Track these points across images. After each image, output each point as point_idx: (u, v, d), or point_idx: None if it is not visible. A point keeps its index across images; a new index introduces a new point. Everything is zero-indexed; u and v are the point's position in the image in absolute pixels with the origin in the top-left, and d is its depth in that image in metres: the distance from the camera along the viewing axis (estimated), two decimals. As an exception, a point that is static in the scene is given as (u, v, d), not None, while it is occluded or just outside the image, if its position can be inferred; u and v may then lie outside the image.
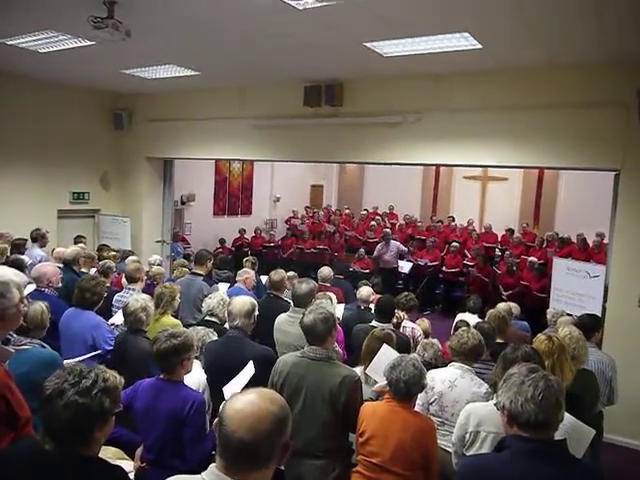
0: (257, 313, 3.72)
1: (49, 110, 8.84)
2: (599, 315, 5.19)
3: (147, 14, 5.09)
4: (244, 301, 3.67)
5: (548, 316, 5.66)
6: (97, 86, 9.24)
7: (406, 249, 10.96)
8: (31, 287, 4.49)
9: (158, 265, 6.91)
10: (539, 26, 4.80)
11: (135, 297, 3.96)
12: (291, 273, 6.10)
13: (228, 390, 2.94)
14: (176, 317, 4.62)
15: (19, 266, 5.13)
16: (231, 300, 3.77)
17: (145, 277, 5.31)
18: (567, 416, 2.26)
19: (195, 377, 3.17)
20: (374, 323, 4.50)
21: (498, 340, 4.31)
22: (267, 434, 1.37)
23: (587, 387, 3.54)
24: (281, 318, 4.20)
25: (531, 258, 9.64)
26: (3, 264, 5.36)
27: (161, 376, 2.90)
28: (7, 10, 5.20)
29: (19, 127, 8.48)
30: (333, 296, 5.35)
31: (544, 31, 4.93)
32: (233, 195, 14.03)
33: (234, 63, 6.96)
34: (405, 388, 2.83)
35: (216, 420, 1.45)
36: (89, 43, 6.07)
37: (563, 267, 7.22)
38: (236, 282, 5.78)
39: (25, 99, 8.51)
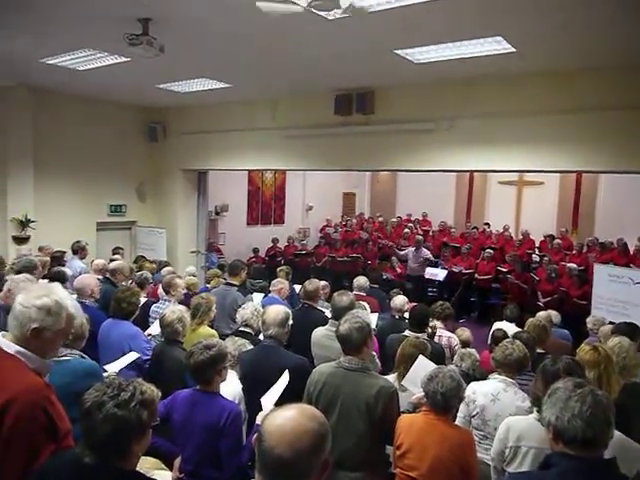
0: (291, 322, 3.71)
1: (87, 125, 9.11)
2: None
3: (180, 30, 5.20)
4: (278, 310, 3.67)
5: (589, 325, 5.49)
6: (133, 101, 9.48)
7: (431, 258, 10.67)
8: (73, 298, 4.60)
9: (193, 276, 6.98)
10: (576, 27, 4.69)
11: (172, 308, 4.01)
12: (323, 283, 6.08)
13: (265, 401, 2.93)
14: (212, 327, 4.65)
15: (61, 278, 5.27)
16: (265, 309, 3.77)
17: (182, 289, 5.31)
18: (617, 433, 2.14)
19: (231, 388, 3.17)
20: (407, 333, 4.43)
21: (538, 350, 4.18)
22: (306, 451, 1.35)
23: (638, 400, 3.38)
24: (319, 332, 4.15)
25: (570, 264, 9.39)
26: (45, 276, 5.53)
27: (197, 387, 2.92)
28: (47, 31, 5.39)
29: (59, 142, 8.77)
30: (366, 305, 5.30)
31: (581, 32, 4.82)
32: (266, 205, 14.13)
33: (266, 75, 7.04)
34: (443, 400, 2.76)
35: (256, 435, 1.44)
36: (125, 60, 6.25)
37: (604, 273, 7.04)
38: (270, 292, 5.79)
39: (64, 115, 8.80)
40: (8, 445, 1.83)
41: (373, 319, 5.14)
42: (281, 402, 1.55)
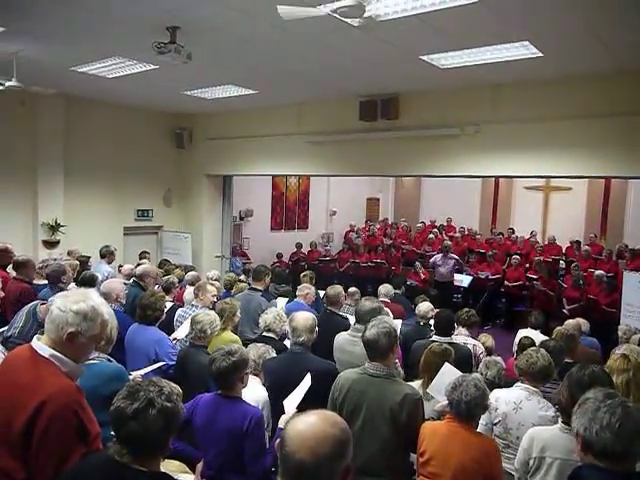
0: (317, 328, 3.71)
1: (116, 132, 9.31)
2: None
3: (207, 38, 5.27)
4: (306, 317, 3.67)
5: (619, 333, 5.39)
6: (160, 108, 9.63)
7: (461, 266, 10.60)
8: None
9: (216, 280, 7.02)
10: (605, 31, 4.63)
11: (207, 311, 4.13)
12: (353, 289, 6.09)
13: (288, 404, 2.95)
14: (235, 333, 4.67)
15: (92, 282, 5.37)
16: (293, 316, 3.76)
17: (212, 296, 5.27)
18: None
19: (254, 394, 3.17)
20: (434, 338, 4.43)
21: (567, 360, 4.10)
22: (327, 457, 1.35)
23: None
24: (342, 337, 4.14)
25: (598, 271, 9.19)
26: (75, 279, 5.64)
27: (219, 392, 2.93)
28: (78, 40, 5.53)
29: (88, 148, 8.97)
30: (389, 311, 5.27)
31: (610, 36, 4.75)
32: (290, 210, 14.19)
33: (291, 81, 7.09)
34: (467, 409, 2.73)
35: (278, 440, 1.45)
36: (153, 67, 6.36)
37: (634, 281, 6.87)
38: (295, 297, 5.80)
39: (94, 122, 9.00)
40: (41, 446, 1.88)
41: (397, 325, 5.11)
42: (307, 407, 1.55)
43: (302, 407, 2.80)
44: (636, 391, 2.95)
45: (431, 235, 12.84)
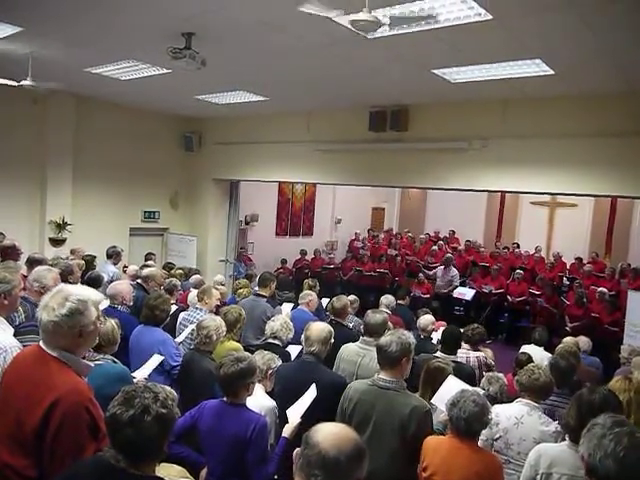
0: (333, 340, 3.71)
1: (126, 133, 9.36)
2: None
3: (222, 44, 5.32)
4: (322, 328, 3.69)
5: (624, 354, 5.36)
6: (170, 110, 9.69)
7: (457, 282, 10.63)
8: (105, 303, 4.69)
9: (222, 285, 7.05)
10: (618, 51, 4.66)
11: (213, 317, 4.13)
12: (352, 297, 6.09)
13: (292, 413, 2.96)
14: (237, 340, 4.62)
15: (98, 282, 5.38)
16: (308, 325, 3.78)
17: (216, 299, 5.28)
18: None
19: (258, 402, 3.18)
20: (439, 354, 4.42)
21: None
22: (347, 455, 1.44)
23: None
24: (349, 348, 4.11)
25: (601, 289, 9.16)
26: (81, 279, 5.66)
27: (224, 399, 2.93)
28: (94, 42, 5.59)
29: (98, 148, 9.02)
30: (391, 325, 5.26)
31: (623, 56, 4.78)
32: (295, 216, 14.20)
33: (302, 89, 7.13)
34: (466, 426, 2.74)
35: (297, 450, 1.50)
36: (166, 71, 6.41)
37: (638, 301, 6.86)
38: (297, 304, 5.80)
39: (105, 122, 9.06)
40: (55, 443, 1.91)
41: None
42: (317, 417, 1.61)
43: (310, 418, 2.80)
44: (637, 410, 2.96)
45: (435, 247, 12.83)
